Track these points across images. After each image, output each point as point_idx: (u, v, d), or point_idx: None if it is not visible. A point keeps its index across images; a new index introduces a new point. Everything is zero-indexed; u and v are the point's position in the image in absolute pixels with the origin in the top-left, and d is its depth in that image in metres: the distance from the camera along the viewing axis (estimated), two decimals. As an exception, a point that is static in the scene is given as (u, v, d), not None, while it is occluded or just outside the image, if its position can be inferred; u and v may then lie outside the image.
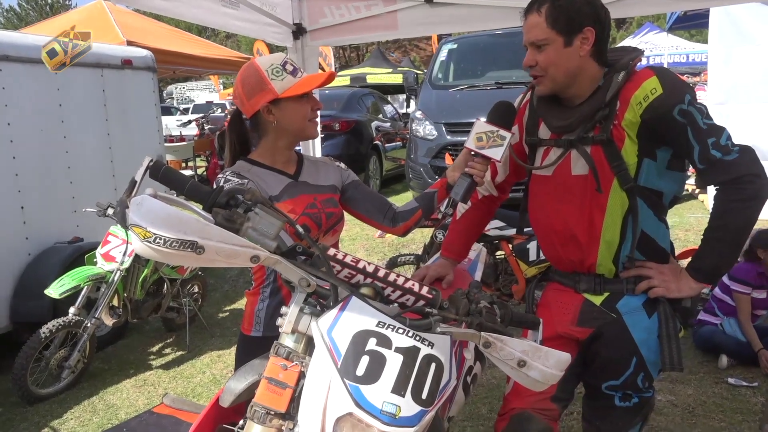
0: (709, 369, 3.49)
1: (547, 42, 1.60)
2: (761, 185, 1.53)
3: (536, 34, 1.60)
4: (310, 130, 1.81)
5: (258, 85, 1.70)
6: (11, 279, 3.91)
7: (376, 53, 19.48)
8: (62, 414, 3.34)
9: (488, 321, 1.22)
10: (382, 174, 9.49)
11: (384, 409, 0.97)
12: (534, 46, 1.63)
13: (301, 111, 1.75)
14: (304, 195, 1.79)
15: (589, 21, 1.59)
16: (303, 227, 1.69)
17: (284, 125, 1.75)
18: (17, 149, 3.96)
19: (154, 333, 4.54)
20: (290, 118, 1.74)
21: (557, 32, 1.58)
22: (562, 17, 1.58)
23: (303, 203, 1.76)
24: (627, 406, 1.76)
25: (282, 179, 1.80)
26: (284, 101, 1.71)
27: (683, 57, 12.82)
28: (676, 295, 1.65)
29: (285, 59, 1.72)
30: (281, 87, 1.69)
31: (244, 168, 1.76)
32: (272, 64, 1.70)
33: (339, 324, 1.04)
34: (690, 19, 8.30)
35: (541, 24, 1.59)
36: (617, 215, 1.65)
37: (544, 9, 1.59)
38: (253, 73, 1.71)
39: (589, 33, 1.59)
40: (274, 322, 1.12)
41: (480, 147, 1.64)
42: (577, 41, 1.59)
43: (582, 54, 1.61)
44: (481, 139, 1.64)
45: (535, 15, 1.60)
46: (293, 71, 1.71)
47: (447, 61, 7.34)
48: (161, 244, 0.94)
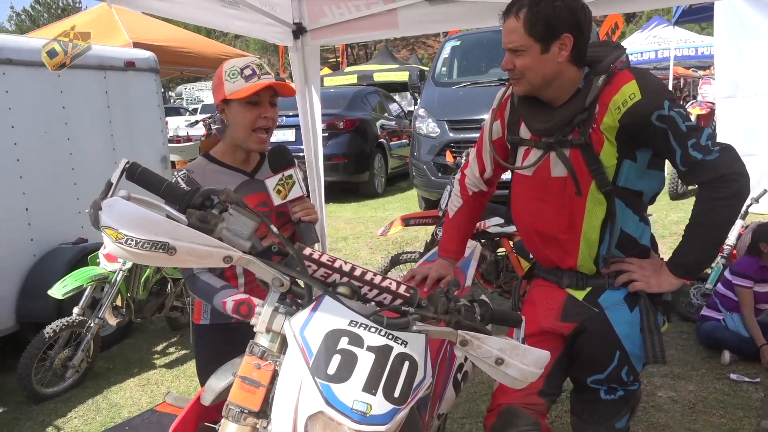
0: (711, 365, 3.47)
1: (524, 49, 1.60)
2: (743, 184, 1.54)
3: (513, 39, 1.61)
4: (251, 141, 1.82)
5: (217, 83, 1.81)
6: (17, 280, 3.95)
7: (384, 51, 19.48)
8: (66, 413, 3.38)
9: (467, 319, 1.22)
10: (387, 172, 9.50)
11: (354, 407, 0.98)
12: (510, 51, 1.63)
13: (244, 116, 1.79)
14: (257, 193, 1.85)
15: (566, 27, 1.58)
16: None
17: (232, 126, 1.83)
18: (21, 151, 4.00)
19: (159, 332, 4.57)
20: (234, 121, 1.81)
21: (534, 39, 1.58)
22: (539, 24, 1.57)
23: (253, 202, 1.81)
24: (612, 399, 1.78)
25: (238, 177, 1.87)
26: (234, 103, 1.79)
27: (692, 50, 12.71)
28: (656, 290, 1.67)
29: (248, 64, 1.78)
30: (230, 89, 1.76)
31: (200, 166, 1.84)
32: (233, 66, 1.78)
33: (311, 323, 1.05)
34: (695, 13, 8.21)
35: (518, 30, 1.59)
36: (596, 218, 1.67)
37: (522, 14, 1.58)
38: (217, 73, 1.82)
39: (567, 39, 1.59)
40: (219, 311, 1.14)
41: (285, 197, 1.76)
42: (555, 47, 1.59)
43: (560, 60, 1.61)
44: (280, 191, 1.76)
45: (513, 20, 1.60)
46: (249, 76, 1.75)
47: (450, 58, 7.32)
48: (132, 246, 0.95)
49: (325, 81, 15.61)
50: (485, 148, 1.95)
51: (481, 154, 1.98)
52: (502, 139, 1.90)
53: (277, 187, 1.75)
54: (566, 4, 1.58)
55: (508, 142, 1.88)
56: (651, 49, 13.03)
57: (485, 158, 1.97)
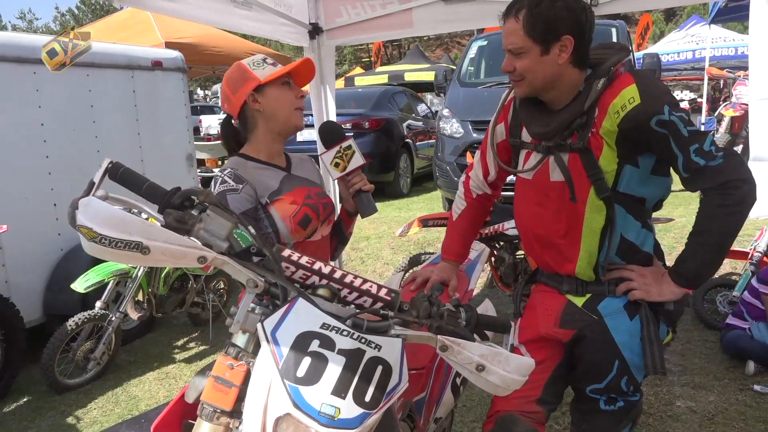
0: (734, 375, 3.35)
1: (524, 50, 1.57)
2: (748, 190, 1.48)
3: (513, 41, 1.58)
4: (295, 118, 1.83)
5: (241, 77, 1.78)
6: (45, 273, 4.08)
7: (415, 50, 19.45)
8: (87, 404, 3.47)
9: (449, 324, 1.20)
10: (413, 172, 9.47)
11: (322, 410, 0.98)
12: (511, 52, 1.60)
13: (285, 96, 1.80)
14: (300, 187, 1.85)
15: (566, 29, 1.55)
16: (305, 217, 1.78)
17: (270, 112, 1.80)
18: (50, 149, 4.13)
19: (181, 328, 4.66)
20: (275, 103, 1.79)
21: (534, 41, 1.55)
22: (539, 25, 1.54)
23: (302, 195, 1.82)
24: (612, 409, 1.73)
25: (278, 173, 1.85)
26: (267, 88, 1.77)
27: (731, 50, 12.27)
28: (657, 299, 1.62)
29: (266, 57, 1.82)
30: (263, 74, 1.77)
31: (240, 165, 1.80)
32: (254, 59, 1.80)
33: (283, 325, 1.05)
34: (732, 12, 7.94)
35: (518, 31, 1.56)
36: (595, 224, 1.63)
37: (522, 15, 1.55)
38: (236, 70, 1.80)
39: (568, 41, 1.55)
40: None
41: (344, 168, 1.78)
42: (555, 49, 1.56)
43: (560, 62, 1.57)
44: (338, 164, 1.77)
45: (513, 21, 1.57)
46: (274, 64, 1.80)
47: (477, 58, 7.26)
48: (106, 244, 0.97)
49: (356, 80, 15.68)
50: (489, 150, 1.93)
51: (485, 157, 1.96)
52: (506, 142, 1.87)
53: (335, 160, 1.76)
54: (567, 4, 1.55)
55: (510, 145, 1.86)
56: (688, 48, 12.66)
57: (489, 161, 1.95)
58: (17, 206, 3.90)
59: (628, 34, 7.11)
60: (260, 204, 1.76)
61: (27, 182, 3.97)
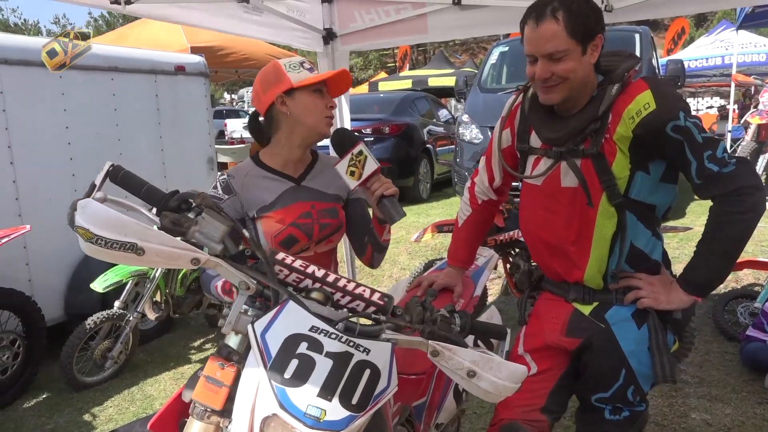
0: (753, 388, 3.28)
1: (568, 53, 1.51)
2: (760, 198, 1.46)
3: (556, 44, 1.50)
4: (322, 126, 1.78)
5: (275, 77, 1.74)
6: (67, 273, 4.18)
7: (440, 55, 19.45)
8: (103, 402, 3.54)
9: (442, 330, 1.21)
10: (432, 178, 9.47)
11: (308, 412, 0.99)
12: (549, 57, 1.53)
13: (315, 104, 1.75)
14: (300, 203, 1.79)
15: (599, 27, 1.53)
16: (288, 238, 1.75)
17: (297, 117, 1.75)
18: (74, 151, 4.24)
19: (198, 329, 4.72)
20: (304, 109, 1.74)
21: (577, 42, 1.51)
22: (579, 25, 1.50)
23: (296, 213, 1.77)
24: (617, 419, 1.71)
25: (282, 185, 1.80)
26: (298, 93, 1.73)
27: (761, 56, 12.01)
28: (665, 307, 1.60)
29: (303, 60, 1.77)
30: (297, 78, 1.72)
31: (243, 171, 1.80)
32: (291, 61, 1.75)
33: (273, 327, 1.06)
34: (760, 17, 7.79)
35: (560, 33, 1.50)
36: (606, 231, 1.61)
37: (561, 16, 1.49)
38: (271, 69, 1.76)
39: (599, 40, 1.54)
40: None
41: (359, 176, 1.65)
42: (590, 49, 1.54)
43: (592, 62, 1.56)
44: (354, 172, 1.65)
45: (551, 23, 1.50)
46: (311, 69, 1.76)
47: (498, 64, 7.24)
48: (102, 245, 1.00)
49: (380, 85, 15.72)
50: (494, 156, 1.93)
51: (491, 163, 1.96)
52: (512, 148, 1.87)
53: (350, 168, 1.64)
54: (591, 4, 1.54)
55: (517, 151, 1.85)
56: (717, 54, 12.43)
57: (494, 167, 1.95)
58: (41, 207, 4.00)
59: (652, 40, 7.02)
60: (248, 217, 1.76)
61: (51, 184, 4.07)
